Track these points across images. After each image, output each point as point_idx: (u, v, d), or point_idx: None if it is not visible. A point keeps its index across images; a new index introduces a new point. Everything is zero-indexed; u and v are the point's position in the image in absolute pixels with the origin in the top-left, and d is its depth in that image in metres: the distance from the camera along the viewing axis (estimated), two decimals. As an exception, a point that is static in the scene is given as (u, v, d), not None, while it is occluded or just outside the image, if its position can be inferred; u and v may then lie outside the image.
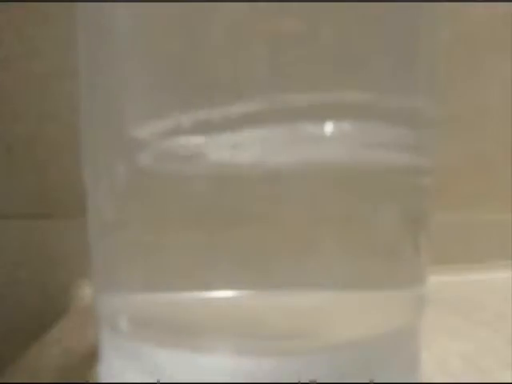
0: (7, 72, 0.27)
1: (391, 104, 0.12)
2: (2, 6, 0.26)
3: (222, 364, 0.12)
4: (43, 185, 0.28)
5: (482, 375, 0.18)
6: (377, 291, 0.13)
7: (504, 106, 0.32)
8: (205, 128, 0.11)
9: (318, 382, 0.12)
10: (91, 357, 0.15)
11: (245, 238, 0.12)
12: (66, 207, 0.28)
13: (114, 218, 0.13)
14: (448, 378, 0.17)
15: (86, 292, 0.27)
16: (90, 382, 0.16)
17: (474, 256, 0.32)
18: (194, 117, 0.11)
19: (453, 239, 0.31)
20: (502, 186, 0.32)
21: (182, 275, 0.12)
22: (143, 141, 0.12)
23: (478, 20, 0.30)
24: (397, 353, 0.14)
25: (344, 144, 0.12)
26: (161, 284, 0.13)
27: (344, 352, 0.12)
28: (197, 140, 0.11)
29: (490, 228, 0.32)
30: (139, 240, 0.13)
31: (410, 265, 0.14)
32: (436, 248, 0.15)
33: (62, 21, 0.26)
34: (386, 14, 0.12)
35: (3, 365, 0.20)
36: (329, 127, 0.11)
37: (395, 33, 0.12)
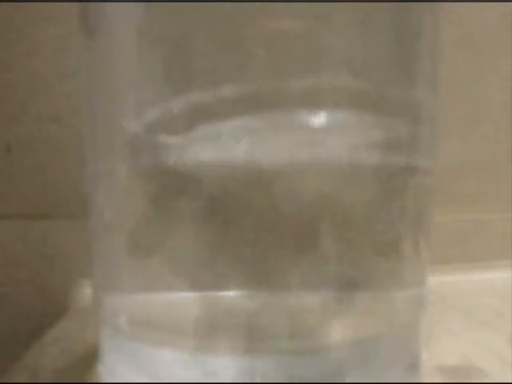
0: (7, 72, 0.27)
1: (391, 98, 0.12)
2: (1, 6, 0.26)
3: (222, 364, 0.12)
4: (43, 185, 0.28)
5: (482, 375, 0.18)
6: (377, 291, 0.13)
7: (504, 106, 0.32)
8: (199, 120, 0.11)
9: (318, 382, 0.12)
10: (91, 357, 0.15)
11: (245, 238, 0.12)
12: (66, 207, 0.28)
13: (114, 218, 0.13)
14: (448, 377, 0.17)
15: (85, 292, 0.27)
16: (90, 382, 0.16)
17: (474, 256, 0.32)
18: (185, 106, 0.11)
19: (453, 239, 0.31)
20: (502, 185, 0.32)
21: (182, 275, 0.12)
22: (139, 137, 0.12)
23: (478, 20, 0.30)
24: (397, 353, 0.14)
25: (343, 143, 0.12)
26: (161, 284, 0.13)
27: (344, 352, 0.12)
28: (194, 139, 0.11)
29: (490, 228, 0.32)
30: (139, 240, 0.13)
31: (410, 265, 0.14)
32: (436, 248, 0.15)
33: (62, 21, 0.26)
34: (389, 8, 0.12)
35: (3, 365, 0.19)
36: (324, 119, 0.11)
37: (397, 27, 0.12)
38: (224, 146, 0.11)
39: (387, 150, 0.12)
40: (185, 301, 0.12)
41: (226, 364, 0.12)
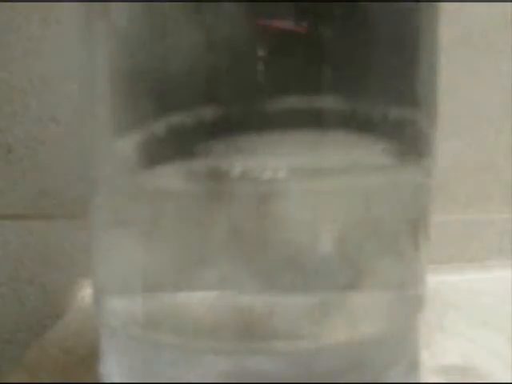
0: (7, 72, 0.27)
1: (391, 110, 0.12)
2: (1, 6, 0.26)
3: (221, 364, 0.12)
4: (43, 185, 0.28)
5: (482, 375, 0.18)
6: (377, 291, 0.13)
7: (504, 106, 0.32)
8: (192, 131, 0.11)
9: (318, 381, 0.12)
10: (91, 357, 0.15)
11: (244, 239, 0.12)
12: (66, 207, 0.28)
13: (114, 219, 0.13)
14: (448, 377, 0.17)
15: (86, 292, 0.27)
16: (90, 382, 0.16)
17: (474, 256, 0.31)
18: (175, 123, 0.11)
19: (453, 239, 0.31)
20: (502, 185, 0.32)
21: (182, 275, 0.12)
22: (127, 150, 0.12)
23: (477, 20, 0.30)
24: (397, 353, 0.14)
25: (342, 146, 0.12)
26: (161, 284, 0.13)
27: (343, 352, 0.12)
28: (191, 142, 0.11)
29: (490, 228, 0.32)
30: (139, 240, 0.13)
31: (410, 265, 0.14)
32: (436, 248, 0.15)
33: (62, 21, 0.26)
34: (383, 22, 0.12)
35: (3, 365, 0.19)
36: (326, 132, 0.11)
37: (393, 43, 0.12)
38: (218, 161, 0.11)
39: (387, 152, 0.12)
40: (185, 301, 0.12)
41: (225, 364, 0.12)
